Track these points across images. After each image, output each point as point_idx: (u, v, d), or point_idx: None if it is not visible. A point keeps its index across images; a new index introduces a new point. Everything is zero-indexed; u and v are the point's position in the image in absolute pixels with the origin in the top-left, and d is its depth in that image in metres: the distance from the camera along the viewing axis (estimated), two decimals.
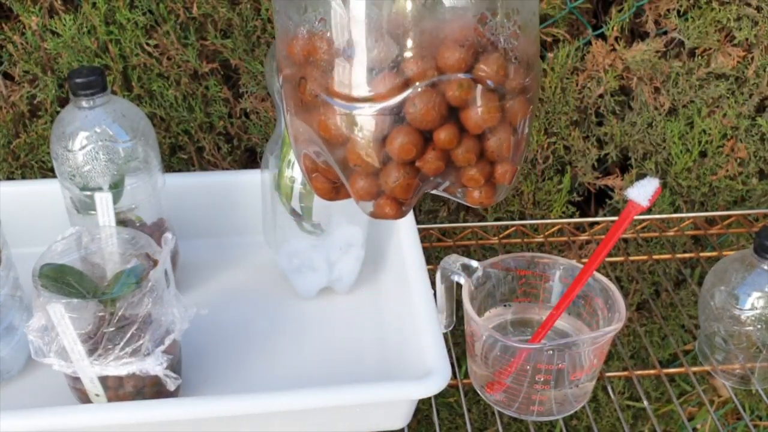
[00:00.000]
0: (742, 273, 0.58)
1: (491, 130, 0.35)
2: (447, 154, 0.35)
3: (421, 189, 0.37)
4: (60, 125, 0.57)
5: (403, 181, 0.35)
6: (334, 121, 0.35)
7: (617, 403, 0.61)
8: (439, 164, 0.35)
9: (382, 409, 0.52)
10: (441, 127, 0.34)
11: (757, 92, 0.79)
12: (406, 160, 0.35)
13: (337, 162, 0.36)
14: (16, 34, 0.71)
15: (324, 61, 0.34)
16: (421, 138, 0.34)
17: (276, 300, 0.65)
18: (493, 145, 0.35)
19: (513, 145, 0.36)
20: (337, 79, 0.34)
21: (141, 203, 0.60)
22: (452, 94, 0.33)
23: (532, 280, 0.58)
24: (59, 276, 0.51)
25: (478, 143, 0.35)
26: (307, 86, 0.35)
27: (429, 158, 0.35)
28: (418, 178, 0.36)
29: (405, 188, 0.36)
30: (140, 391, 0.52)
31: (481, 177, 0.36)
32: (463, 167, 0.36)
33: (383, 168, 0.36)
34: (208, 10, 0.71)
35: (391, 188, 0.36)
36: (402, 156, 0.35)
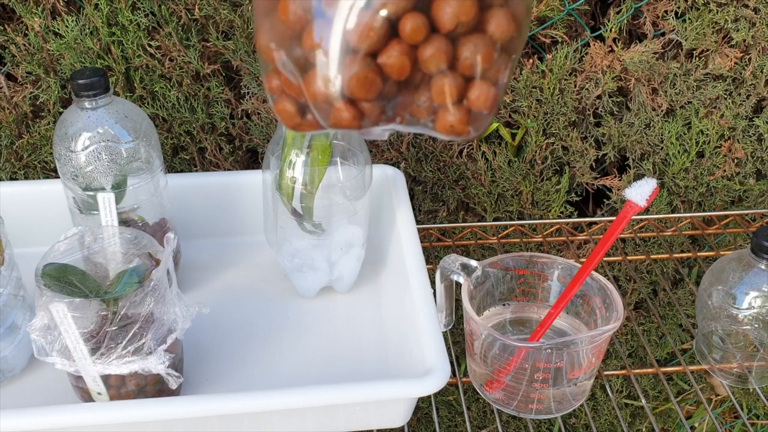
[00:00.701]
0: (739, 272, 0.58)
1: (467, 36, 0.31)
2: (413, 51, 0.31)
3: (387, 104, 0.32)
4: (63, 126, 0.57)
5: (362, 73, 0.31)
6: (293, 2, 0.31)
7: (615, 401, 0.61)
8: (404, 61, 0.30)
9: (382, 407, 0.53)
10: (407, 15, 0.30)
11: (755, 93, 0.79)
12: (366, 49, 0.30)
13: (294, 60, 0.32)
14: (19, 35, 0.72)
15: None
16: (386, 24, 0.30)
17: (277, 299, 0.65)
18: (467, 53, 0.31)
19: (492, 60, 0.31)
20: None
21: (143, 203, 0.61)
22: None
23: (530, 280, 0.58)
24: (62, 275, 0.51)
25: (450, 46, 0.31)
26: None
27: (392, 53, 0.30)
28: (381, 79, 0.31)
29: (362, 82, 0.31)
30: (142, 390, 0.52)
31: (453, 90, 0.31)
32: (431, 75, 0.31)
33: (342, 60, 0.31)
34: (210, 12, 0.71)
35: (347, 82, 0.31)
36: (360, 43, 0.30)
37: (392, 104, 0.33)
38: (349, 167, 0.59)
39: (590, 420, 0.58)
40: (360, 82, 0.31)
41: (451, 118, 0.32)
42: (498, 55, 0.31)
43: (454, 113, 0.32)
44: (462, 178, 0.83)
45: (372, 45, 0.30)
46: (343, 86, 0.31)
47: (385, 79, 0.31)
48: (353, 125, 0.32)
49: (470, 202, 0.85)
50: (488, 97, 0.32)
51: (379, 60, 0.31)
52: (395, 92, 0.32)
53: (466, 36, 0.31)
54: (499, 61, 0.31)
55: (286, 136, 0.57)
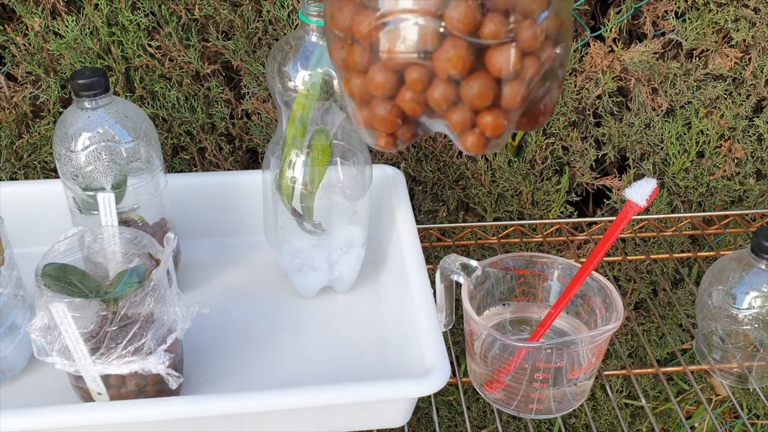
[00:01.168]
0: (739, 272, 0.58)
1: (465, 79, 0.34)
2: (421, 95, 0.35)
3: (416, 128, 0.38)
4: (63, 126, 0.57)
5: (385, 116, 0.36)
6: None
7: (615, 401, 0.61)
8: (414, 105, 0.35)
9: (382, 407, 0.53)
10: (410, 67, 0.34)
11: (755, 93, 0.79)
12: (382, 96, 0.36)
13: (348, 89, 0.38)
14: (19, 35, 0.72)
15: None
16: (395, 76, 0.35)
17: (277, 299, 0.65)
18: (466, 92, 0.34)
19: (492, 96, 0.35)
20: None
21: (143, 203, 0.61)
22: (415, 37, 0.34)
23: (530, 280, 0.58)
24: (62, 275, 0.51)
25: (452, 89, 0.35)
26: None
27: (405, 98, 0.36)
28: (401, 117, 0.37)
29: (385, 123, 0.37)
30: (142, 390, 0.52)
31: (460, 124, 0.36)
32: (441, 110, 0.36)
33: (371, 100, 0.37)
34: (210, 12, 0.71)
35: (374, 121, 0.37)
36: (377, 92, 0.36)
37: (421, 128, 0.38)
38: (349, 167, 0.59)
39: (590, 420, 0.58)
40: (382, 122, 0.37)
41: (467, 142, 0.37)
42: (503, 87, 0.35)
43: (468, 139, 0.36)
44: (462, 178, 0.83)
45: (386, 93, 0.36)
46: (373, 123, 0.38)
47: (405, 118, 0.37)
48: (391, 148, 0.38)
49: (470, 202, 0.85)
50: (496, 126, 0.36)
51: (397, 102, 0.36)
52: (419, 121, 0.37)
53: (467, 78, 0.34)
54: (508, 90, 0.35)
55: (286, 136, 0.57)
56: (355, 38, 0.35)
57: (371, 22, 0.34)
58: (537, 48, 0.34)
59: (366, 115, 0.37)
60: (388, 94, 0.35)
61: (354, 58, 0.36)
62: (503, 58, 0.34)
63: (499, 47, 0.34)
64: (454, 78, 0.34)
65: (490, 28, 0.33)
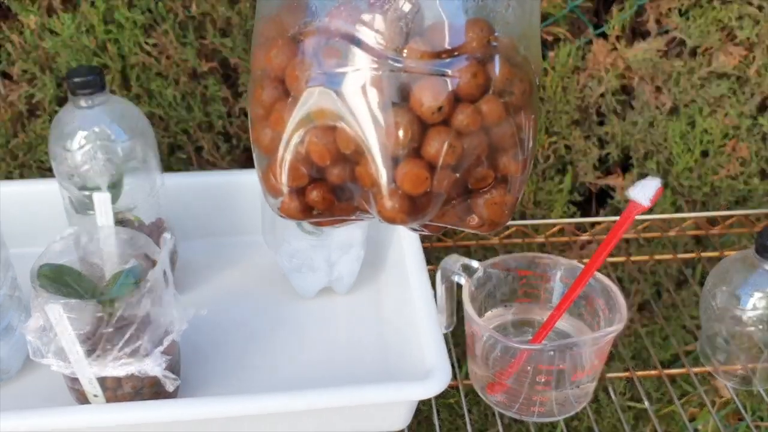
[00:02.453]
0: (743, 273, 0.58)
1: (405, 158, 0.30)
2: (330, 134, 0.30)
3: (329, 190, 0.33)
4: (58, 125, 0.57)
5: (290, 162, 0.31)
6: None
7: (618, 403, 0.61)
8: (323, 150, 0.30)
9: (382, 410, 0.52)
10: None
11: (759, 92, 0.79)
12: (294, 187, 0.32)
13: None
14: (15, 33, 0.71)
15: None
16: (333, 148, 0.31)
17: (275, 300, 0.65)
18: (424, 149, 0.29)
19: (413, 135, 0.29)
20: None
21: (139, 203, 0.60)
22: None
23: (532, 281, 0.58)
24: (58, 276, 0.51)
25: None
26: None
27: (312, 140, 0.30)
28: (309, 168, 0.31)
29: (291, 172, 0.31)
30: (139, 392, 0.51)
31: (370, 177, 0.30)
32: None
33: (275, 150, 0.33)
34: (207, 9, 0.71)
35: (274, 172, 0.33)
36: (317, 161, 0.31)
37: (338, 193, 0.33)
38: None
39: (593, 423, 0.57)
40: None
41: (385, 205, 0.31)
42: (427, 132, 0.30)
43: (386, 201, 0.31)
44: None
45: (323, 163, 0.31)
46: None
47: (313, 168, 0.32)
48: (297, 216, 0.33)
49: None
50: (415, 178, 0.30)
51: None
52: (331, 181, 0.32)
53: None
54: (432, 137, 0.29)
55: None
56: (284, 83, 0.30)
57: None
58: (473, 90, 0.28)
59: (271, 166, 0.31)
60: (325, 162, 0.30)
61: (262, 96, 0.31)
62: (428, 94, 0.27)
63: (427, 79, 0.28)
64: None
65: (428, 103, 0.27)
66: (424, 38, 0.28)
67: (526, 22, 0.30)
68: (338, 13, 0.28)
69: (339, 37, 0.28)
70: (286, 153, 0.30)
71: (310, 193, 0.31)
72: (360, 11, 0.27)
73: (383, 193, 0.29)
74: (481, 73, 0.28)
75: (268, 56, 0.30)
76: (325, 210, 0.32)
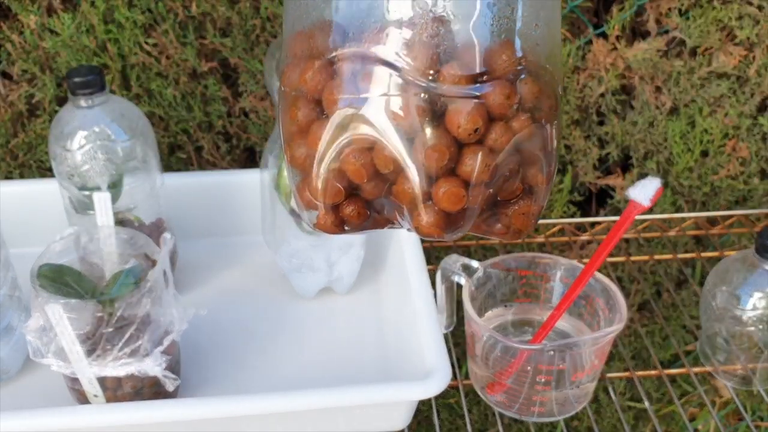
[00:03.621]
0: (743, 273, 0.58)
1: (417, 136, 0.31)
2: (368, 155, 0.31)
3: (364, 206, 0.33)
4: (58, 124, 0.57)
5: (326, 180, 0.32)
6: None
7: (618, 403, 0.61)
8: (360, 168, 0.30)
9: (382, 410, 0.52)
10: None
11: (759, 91, 0.79)
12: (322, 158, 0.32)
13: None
14: (15, 33, 0.71)
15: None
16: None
17: (275, 300, 0.65)
18: (418, 153, 0.30)
19: (450, 156, 0.29)
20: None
21: (139, 203, 0.60)
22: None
23: (532, 281, 0.58)
24: (58, 276, 0.51)
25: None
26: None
27: (349, 159, 0.31)
28: (346, 185, 0.32)
29: (326, 190, 0.32)
30: (139, 392, 0.51)
31: (410, 194, 0.31)
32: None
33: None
34: (207, 9, 0.71)
35: (312, 189, 0.33)
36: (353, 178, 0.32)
37: (371, 207, 0.33)
38: None
39: (593, 423, 0.57)
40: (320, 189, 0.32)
41: (421, 219, 0.32)
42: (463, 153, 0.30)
43: (422, 215, 0.32)
44: None
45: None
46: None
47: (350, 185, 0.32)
48: (334, 230, 0.34)
49: None
50: (453, 196, 0.30)
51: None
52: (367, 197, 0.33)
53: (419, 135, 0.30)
54: (469, 158, 0.30)
55: None
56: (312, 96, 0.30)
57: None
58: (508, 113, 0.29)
59: (307, 185, 0.32)
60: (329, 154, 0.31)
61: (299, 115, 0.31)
62: (462, 114, 0.28)
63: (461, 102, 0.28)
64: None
65: (449, 76, 0.28)
66: (458, 62, 0.29)
67: (552, 38, 0.31)
68: (373, 38, 0.29)
69: (375, 62, 0.29)
70: (322, 171, 0.31)
71: (345, 208, 0.32)
72: (395, 36, 0.28)
73: (420, 210, 0.31)
74: (513, 93, 0.29)
75: (303, 78, 0.31)
76: (360, 223, 0.33)
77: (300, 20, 0.31)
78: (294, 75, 0.31)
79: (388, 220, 0.33)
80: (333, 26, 0.30)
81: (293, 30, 0.32)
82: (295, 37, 0.31)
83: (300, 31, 0.31)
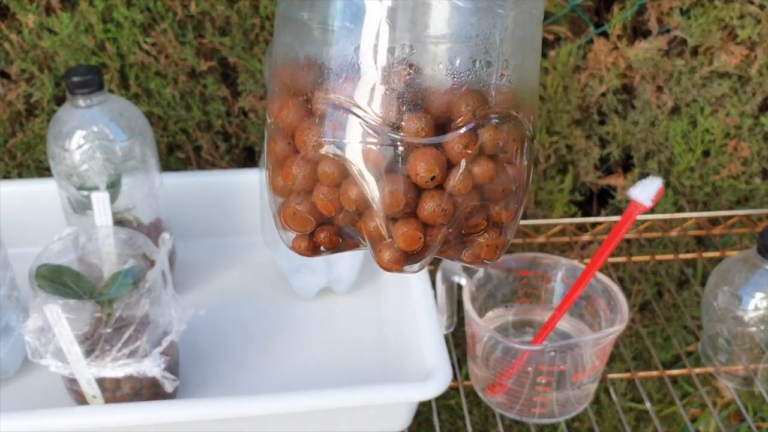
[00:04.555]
0: (745, 273, 0.58)
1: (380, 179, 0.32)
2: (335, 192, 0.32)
3: (337, 234, 0.35)
4: (57, 124, 0.57)
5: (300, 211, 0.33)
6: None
7: (619, 404, 0.60)
8: (328, 204, 0.32)
9: (382, 411, 0.52)
10: (324, 161, 0.31)
11: (761, 91, 0.78)
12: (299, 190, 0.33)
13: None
14: (13, 32, 0.71)
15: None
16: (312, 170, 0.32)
17: (275, 301, 0.64)
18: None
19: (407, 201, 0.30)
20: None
21: (138, 203, 0.60)
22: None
23: (533, 281, 0.58)
24: (56, 276, 0.50)
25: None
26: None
27: (318, 195, 0.32)
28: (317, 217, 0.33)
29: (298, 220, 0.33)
30: (137, 393, 0.51)
31: (374, 232, 0.32)
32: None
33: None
34: (206, 8, 0.71)
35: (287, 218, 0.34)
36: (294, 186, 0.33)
37: (343, 235, 0.35)
38: None
39: (594, 424, 0.57)
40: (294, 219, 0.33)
41: (383, 258, 0.33)
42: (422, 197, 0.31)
43: (384, 253, 0.33)
44: None
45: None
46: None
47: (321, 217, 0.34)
48: (309, 254, 0.35)
49: None
50: (409, 239, 0.32)
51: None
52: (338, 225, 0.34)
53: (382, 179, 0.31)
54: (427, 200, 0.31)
55: None
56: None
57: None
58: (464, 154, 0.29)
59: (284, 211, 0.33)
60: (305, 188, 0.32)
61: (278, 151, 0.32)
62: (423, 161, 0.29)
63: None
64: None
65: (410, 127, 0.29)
66: (419, 113, 0.30)
67: (522, 83, 0.32)
68: (343, 87, 0.30)
69: (344, 109, 0.30)
70: (295, 203, 0.32)
71: (318, 234, 0.33)
72: (363, 86, 0.30)
73: (381, 247, 0.32)
74: (472, 143, 0.30)
75: (281, 114, 0.32)
76: (332, 248, 0.34)
77: (292, 49, 0.32)
78: (274, 107, 0.33)
79: (359, 243, 0.35)
80: (316, 65, 0.31)
81: (282, 58, 0.33)
82: (283, 66, 0.33)
83: (289, 61, 0.32)
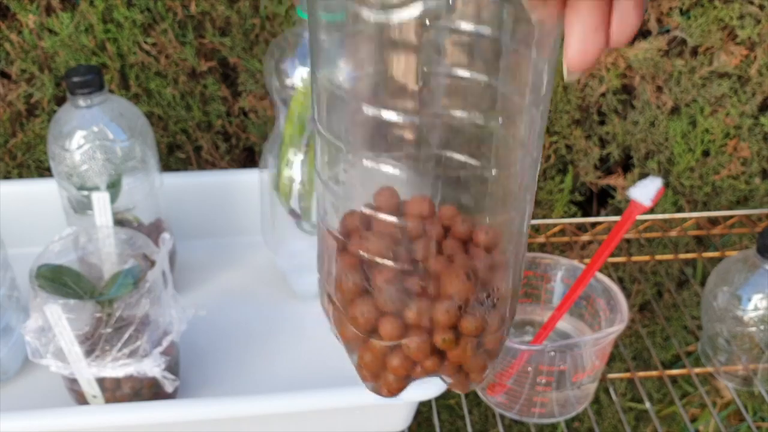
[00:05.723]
0: (744, 273, 0.58)
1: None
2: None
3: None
4: (57, 124, 0.57)
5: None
6: None
7: (619, 404, 0.60)
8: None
9: (382, 411, 0.52)
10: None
11: (760, 91, 0.78)
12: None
13: None
14: (13, 32, 0.71)
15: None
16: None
17: (275, 301, 0.64)
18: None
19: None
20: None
21: (138, 203, 0.60)
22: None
23: (533, 281, 0.58)
24: (56, 276, 0.50)
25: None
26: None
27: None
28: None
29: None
30: (138, 393, 0.51)
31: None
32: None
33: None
34: (206, 8, 0.71)
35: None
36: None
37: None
38: None
39: (594, 424, 0.57)
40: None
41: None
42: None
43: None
44: None
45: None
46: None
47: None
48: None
49: None
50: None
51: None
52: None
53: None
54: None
55: (284, 134, 0.56)
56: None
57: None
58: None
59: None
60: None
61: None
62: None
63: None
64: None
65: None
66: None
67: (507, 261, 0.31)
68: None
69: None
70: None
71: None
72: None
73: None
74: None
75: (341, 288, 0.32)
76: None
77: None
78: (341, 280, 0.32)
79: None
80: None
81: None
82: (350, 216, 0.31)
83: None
